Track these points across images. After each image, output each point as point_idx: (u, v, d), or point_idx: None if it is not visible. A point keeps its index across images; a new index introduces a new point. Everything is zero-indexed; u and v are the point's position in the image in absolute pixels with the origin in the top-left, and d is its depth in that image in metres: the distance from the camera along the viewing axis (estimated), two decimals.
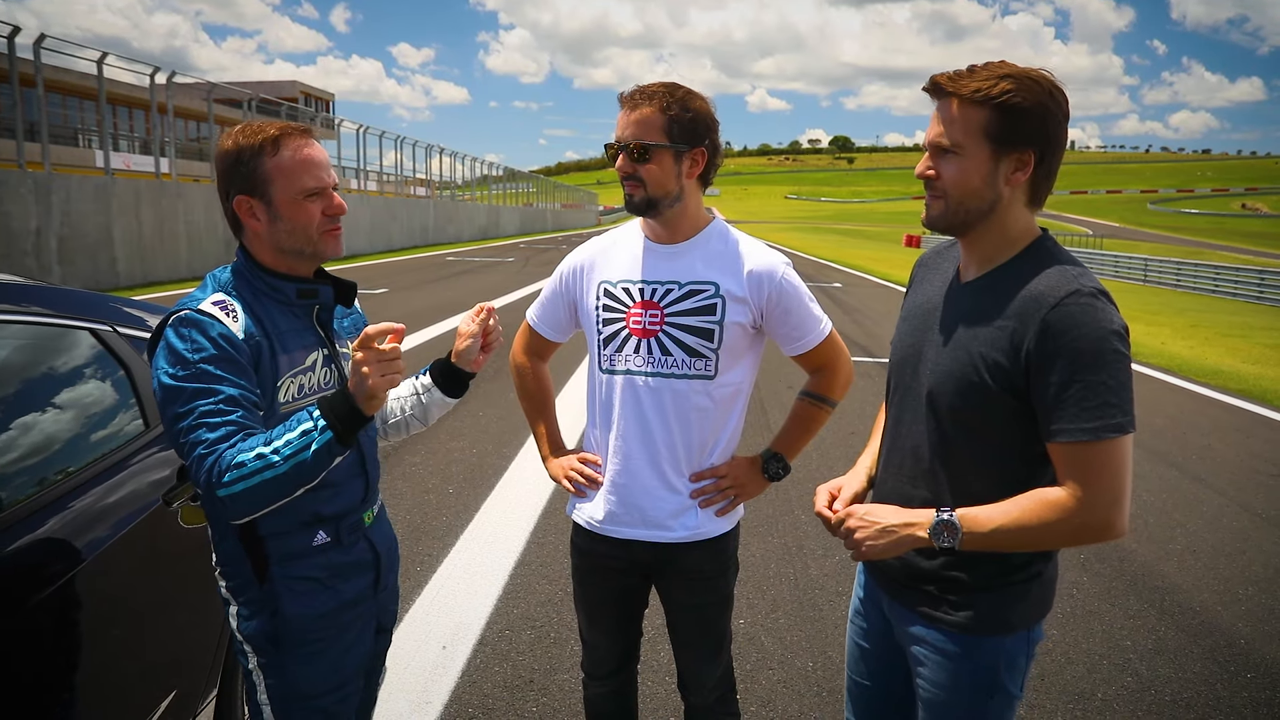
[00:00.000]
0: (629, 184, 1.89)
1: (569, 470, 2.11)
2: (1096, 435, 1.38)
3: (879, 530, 1.53)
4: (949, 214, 1.52)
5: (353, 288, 1.77)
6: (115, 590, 1.90)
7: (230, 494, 1.43)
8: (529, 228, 58.03)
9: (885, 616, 1.74)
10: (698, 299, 1.93)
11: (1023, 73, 1.44)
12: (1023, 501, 1.45)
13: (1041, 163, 1.47)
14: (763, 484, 2.06)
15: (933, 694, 1.62)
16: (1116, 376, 1.39)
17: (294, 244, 1.62)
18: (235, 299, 1.59)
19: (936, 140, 1.49)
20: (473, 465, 5.66)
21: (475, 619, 3.55)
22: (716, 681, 2.15)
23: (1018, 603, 1.56)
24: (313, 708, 1.68)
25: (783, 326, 1.98)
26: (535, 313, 2.20)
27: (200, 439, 1.45)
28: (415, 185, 40.23)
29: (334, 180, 1.65)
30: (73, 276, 14.72)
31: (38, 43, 14.82)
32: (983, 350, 1.48)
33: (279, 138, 1.58)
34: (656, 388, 1.95)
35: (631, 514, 2.00)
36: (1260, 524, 5.03)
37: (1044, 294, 1.42)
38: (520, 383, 2.26)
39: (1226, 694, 3.17)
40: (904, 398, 1.65)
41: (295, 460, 1.43)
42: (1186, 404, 8.42)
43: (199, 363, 1.48)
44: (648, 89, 1.87)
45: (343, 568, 1.71)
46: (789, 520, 4.79)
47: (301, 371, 1.64)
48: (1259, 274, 24.88)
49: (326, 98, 64.85)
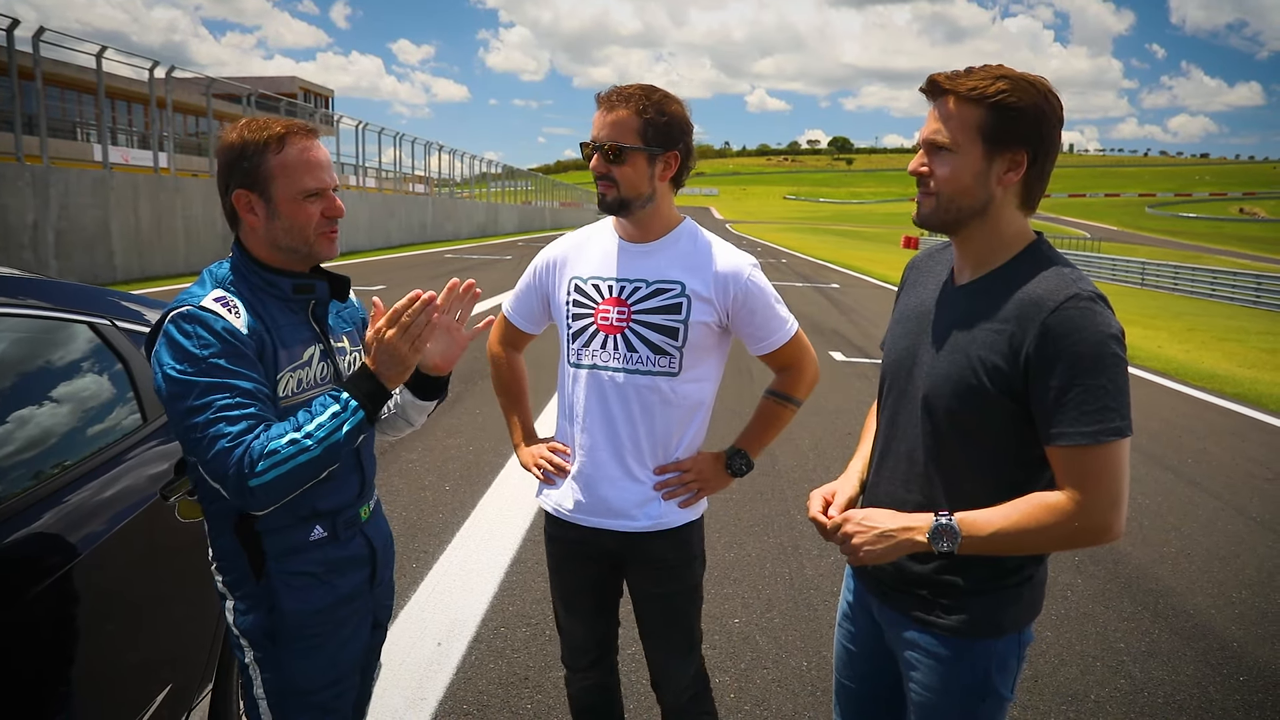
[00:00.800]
0: (602, 184, 1.92)
1: (538, 458, 2.16)
2: (1096, 439, 1.39)
3: (877, 535, 1.52)
4: (940, 211, 1.53)
5: (346, 282, 1.77)
6: (112, 584, 1.90)
7: (263, 482, 1.46)
8: (527, 226, 57.98)
9: (875, 620, 1.74)
10: (663, 298, 1.96)
11: (1019, 75, 1.45)
12: (1021, 505, 1.45)
13: (1034, 164, 1.47)
14: (726, 479, 2.10)
15: (925, 697, 1.62)
16: (1115, 380, 1.39)
17: (290, 242, 1.62)
18: (235, 295, 1.59)
19: (931, 137, 1.50)
20: (469, 462, 5.67)
21: (471, 615, 3.56)
22: (690, 680, 2.18)
23: (1010, 606, 1.56)
24: (309, 703, 1.68)
25: (748, 326, 2.01)
26: (510, 304, 2.24)
27: (221, 432, 1.46)
28: (414, 182, 40.22)
29: (335, 182, 1.66)
30: (70, 270, 14.70)
31: (37, 36, 14.79)
32: (981, 353, 1.48)
33: (284, 135, 1.59)
34: (622, 383, 1.98)
35: (597, 504, 2.04)
36: (1254, 528, 5.05)
37: (1043, 298, 1.43)
38: (495, 372, 2.32)
39: (1219, 696, 3.18)
40: (898, 401, 1.65)
41: (329, 442, 1.50)
42: (1182, 407, 8.44)
43: (209, 358, 1.49)
44: (624, 91, 1.89)
45: (339, 563, 1.71)
46: (784, 520, 4.80)
47: (300, 366, 1.64)
48: (1256, 278, 24.95)
49: (326, 94, 64.77)
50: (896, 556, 1.54)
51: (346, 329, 1.82)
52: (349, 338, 1.81)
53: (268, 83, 46.90)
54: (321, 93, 63.41)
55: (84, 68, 19.34)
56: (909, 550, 1.52)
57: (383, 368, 1.55)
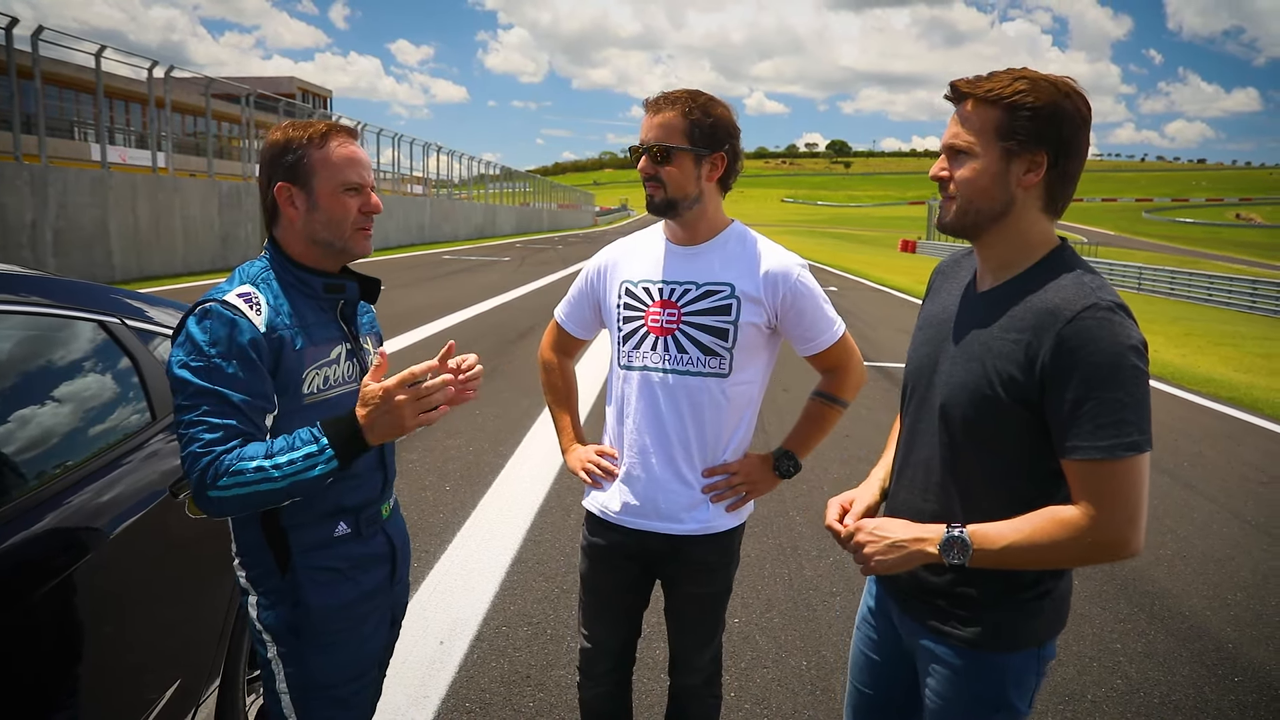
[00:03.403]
0: (650, 185, 1.95)
1: (586, 462, 2.17)
2: (1111, 454, 1.35)
3: (888, 545, 1.51)
4: (960, 215, 1.50)
5: (377, 285, 1.79)
6: (122, 580, 1.92)
7: (221, 497, 1.47)
8: (525, 227, 57.98)
9: (895, 626, 1.72)
10: (713, 299, 1.98)
11: (1040, 76, 1.43)
12: (1035, 519, 1.42)
13: (1054, 166, 1.44)
14: (774, 481, 2.11)
15: (938, 705, 1.61)
16: (1133, 394, 1.35)
17: (327, 236, 1.65)
18: (263, 291, 1.61)
19: (950, 141, 1.49)
20: (470, 463, 5.68)
21: (472, 615, 3.57)
22: (706, 664, 2.21)
23: (1028, 620, 1.54)
24: (331, 697, 1.70)
25: (796, 327, 2.03)
26: (563, 311, 2.27)
27: (197, 437, 1.48)
28: (412, 183, 40.19)
29: (373, 182, 1.70)
30: (68, 269, 14.68)
31: (35, 35, 14.78)
32: (997, 363, 1.45)
33: (328, 133, 1.65)
34: (672, 384, 2.00)
35: (645, 506, 2.05)
36: (1250, 531, 5.08)
37: (1060, 307, 1.40)
38: (547, 378, 2.34)
39: (1214, 697, 3.21)
40: (919, 408, 1.63)
41: (294, 479, 1.48)
42: (1178, 411, 8.48)
43: (214, 357, 1.51)
44: (671, 94, 1.93)
45: (362, 559, 1.74)
46: (784, 521, 4.83)
47: (327, 364, 1.66)
48: (1252, 284, 25.05)
49: (324, 94, 64.75)
50: (908, 567, 1.51)
51: (368, 332, 1.84)
52: (370, 340, 1.84)
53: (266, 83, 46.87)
54: (320, 93, 63.38)
55: (82, 67, 19.32)
56: (920, 561, 1.49)
57: (377, 426, 1.51)
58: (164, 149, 19.66)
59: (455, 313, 13.33)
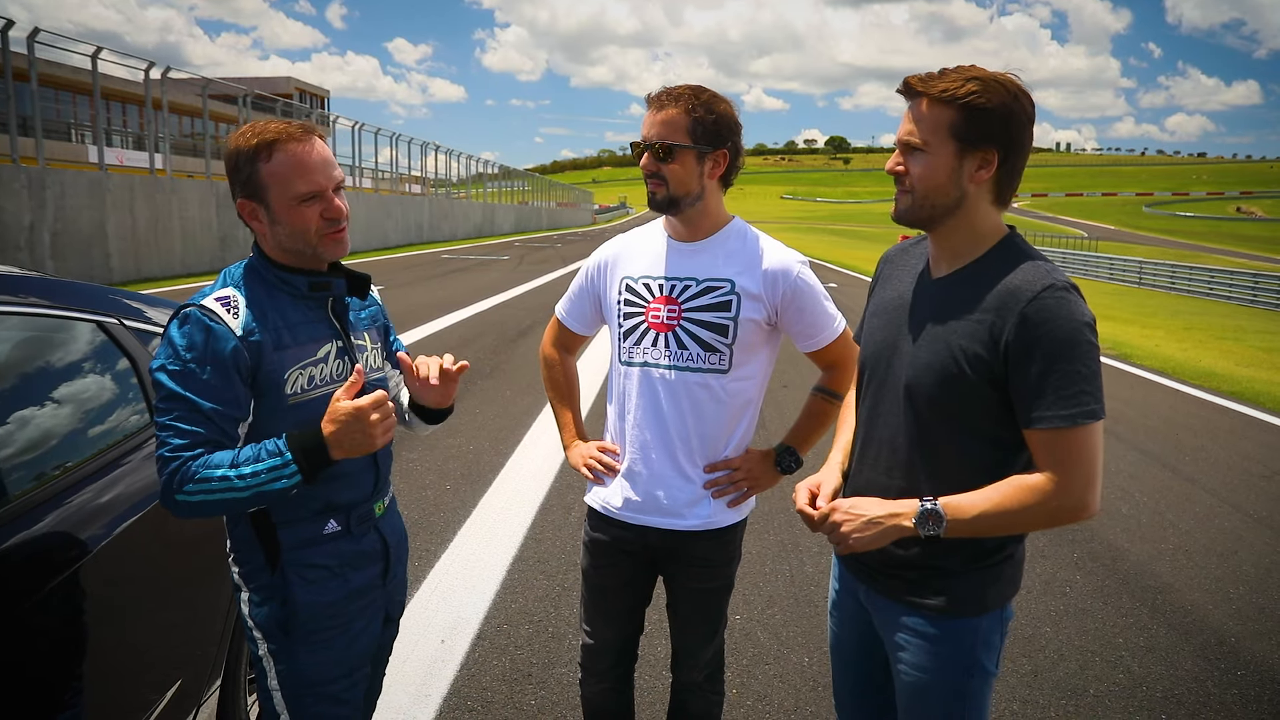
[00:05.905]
0: (652, 182, 1.94)
1: (588, 458, 2.17)
2: (1073, 421, 1.45)
3: (865, 522, 1.56)
4: (915, 208, 1.59)
5: (366, 280, 1.78)
6: (123, 581, 1.92)
7: (186, 501, 1.50)
8: (524, 226, 57.98)
9: (862, 606, 1.80)
10: (713, 295, 1.98)
11: (990, 76, 1.51)
12: (1002, 488, 1.51)
13: (1004, 162, 1.53)
14: (775, 477, 2.12)
15: (915, 677, 1.67)
16: (1089, 365, 1.46)
17: (294, 245, 1.64)
18: (243, 293, 1.61)
19: (906, 138, 1.56)
20: (470, 462, 5.68)
21: (473, 613, 3.57)
22: (707, 660, 2.21)
23: (993, 584, 1.63)
24: (322, 694, 1.70)
25: (797, 324, 2.04)
26: (563, 307, 2.27)
27: (166, 440, 1.51)
28: (410, 183, 40.16)
29: (334, 182, 1.63)
30: (65, 271, 14.67)
31: (32, 36, 14.76)
32: (962, 343, 1.54)
33: (274, 142, 1.57)
34: (673, 380, 2.00)
35: (647, 501, 2.06)
36: (1251, 524, 5.08)
37: (1021, 288, 1.49)
38: (548, 375, 2.34)
39: (1217, 691, 3.21)
40: (879, 390, 1.70)
41: (258, 490, 1.50)
42: (1180, 405, 8.48)
43: (189, 362, 1.52)
44: (674, 91, 1.93)
45: (353, 557, 1.73)
46: (785, 517, 4.82)
47: (312, 363, 1.66)
48: (1253, 277, 25.05)
49: (322, 94, 64.71)
50: (885, 543, 1.58)
51: (367, 326, 1.83)
52: (369, 335, 1.83)
53: (263, 83, 46.86)
54: (317, 93, 63.34)
55: (79, 69, 19.33)
56: (896, 536, 1.57)
57: (344, 442, 1.52)
58: (161, 150, 19.63)
59: (455, 311, 13.32)
